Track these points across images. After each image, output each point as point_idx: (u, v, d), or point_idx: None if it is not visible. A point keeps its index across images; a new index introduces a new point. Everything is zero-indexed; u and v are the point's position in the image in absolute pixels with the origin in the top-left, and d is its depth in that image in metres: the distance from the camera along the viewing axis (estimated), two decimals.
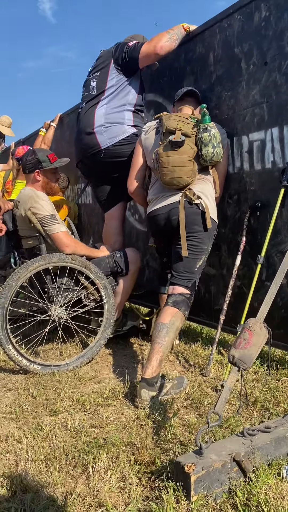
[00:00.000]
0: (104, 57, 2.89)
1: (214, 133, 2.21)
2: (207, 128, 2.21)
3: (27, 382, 2.34)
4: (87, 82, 2.97)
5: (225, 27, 2.53)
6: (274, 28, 2.24)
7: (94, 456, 1.59)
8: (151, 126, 2.52)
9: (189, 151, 2.23)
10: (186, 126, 2.26)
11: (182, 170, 2.24)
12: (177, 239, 2.33)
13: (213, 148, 2.21)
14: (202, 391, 2.14)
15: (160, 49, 2.67)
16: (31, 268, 2.46)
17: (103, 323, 2.59)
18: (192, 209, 2.28)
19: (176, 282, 2.30)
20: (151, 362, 2.09)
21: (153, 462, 1.56)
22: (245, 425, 1.77)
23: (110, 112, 2.84)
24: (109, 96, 2.84)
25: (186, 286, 2.28)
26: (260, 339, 1.54)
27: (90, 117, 2.88)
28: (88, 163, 3.03)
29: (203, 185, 2.36)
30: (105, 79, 2.84)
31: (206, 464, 1.35)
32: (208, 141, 2.21)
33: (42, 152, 2.69)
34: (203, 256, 2.32)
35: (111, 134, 2.83)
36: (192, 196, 2.26)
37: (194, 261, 2.29)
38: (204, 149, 2.23)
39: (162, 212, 2.37)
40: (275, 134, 2.29)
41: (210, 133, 2.20)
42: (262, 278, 2.40)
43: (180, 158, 2.23)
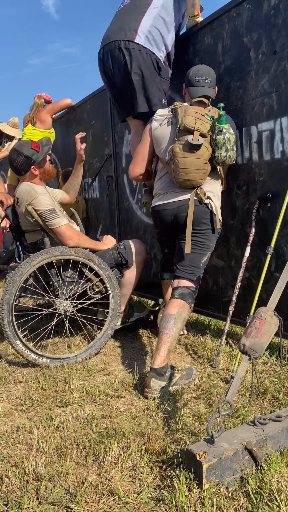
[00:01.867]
0: None
1: (228, 136, 2.17)
2: (222, 130, 2.17)
3: (36, 374, 2.35)
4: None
5: (233, 16, 2.50)
6: (284, 16, 2.21)
7: (105, 446, 1.59)
8: (164, 116, 2.44)
9: (205, 154, 2.22)
10: (204, 126, 2.21)
11: (198, 173, 2.24)
12: (183, 234, 2.34)
13: (226, 152, 2.19)
14: (211, 382, 2.14)
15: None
16: (34, 263, 2.46)
17: (110, 313, 2.58)
18: (201, 207, 2.30)
19: (181, 275, 2.32)
20: (160, 352, 2.10)
21: (164, 452, 1.56)
22: (256, 414, 1.77)
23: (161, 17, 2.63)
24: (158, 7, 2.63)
25: (191, 280, 2.32)
26: (270, 328, 1.53)
27: (138, 15, 2.62)
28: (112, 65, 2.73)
29: (213, 185, 2.38)
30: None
31: (218, 453, 1.35)
32: (222, 144, 2.18)
33: (26, 147, 2.64)
34: (208, 253, 2.37)
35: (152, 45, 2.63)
36: (202, 195, 2.28)
37: (199, 256, 2.33)
38: (217, 152, 2.20)
39: (170, 208, 2.38)
40: (285, 124, 2.27)
41: (225, 136, 2.16)
42: (271, 269, 2.39)
43: (198, 161, 2.22)
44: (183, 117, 2.24)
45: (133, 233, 3.70)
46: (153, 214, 2.53)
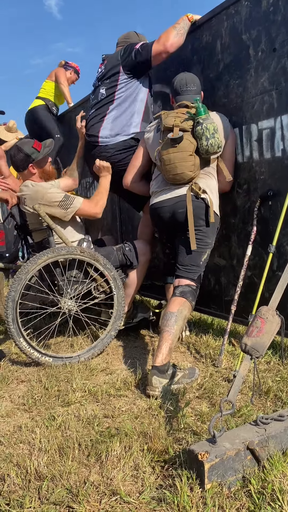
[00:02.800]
0: (111, 62, 2.85)
1: (206, 125, 2.21)
2: (199, 121, 2.22)
3: (39, 374, 2.35)
4: (96, 90, 2.94)
5: (232, 13, 2.49)
6: (283, 13, 2.20)
7: (107, 446, 1.59)
8: (153, 125, 2.57)
9: (189, 146, 2.25)
10: (184, 122, 2.27)
11: (184, 165, 2.27)
12: (182, 232, 2.34)
13: (207, 140, 2.22)
14: (214, 381, 2.13)
15: (170, 47, 2.66)
16: (40, 261, 2.47)
17: (114, 314, 2.59)
18: (198, 203, 2.31)
19: (182, 275, 2.33)
20: (161, 350, 2.10)
21: (166, 451, 1.56)
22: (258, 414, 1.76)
23: (119, 114, 2.82)
24: (119, 99, 2.81)
25: (192, 279, 2.33)
26: (272, 327, 1.52)
27: (98, 123, 2.87)
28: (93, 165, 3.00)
29: (208, 180, 2.39)
30: (115, 85, 2.81)
31: (220, 452, 1.35)
32: (201, 134, 2.22)
33: (27, 145, 2.67)
34: (207, 250, 2.37)
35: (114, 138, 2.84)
36: (198, 190, 2.28)
37: (199, 254, 2.33)
38: (199, 142, 2.25)
39: (167, 205, 2.38)
40: (285, 122, 2.26)
41: (202, 126, 2.21)
42: (273, 268, 2.38)
43: (181, 154, 2.26)
44: (164, 119, 2.33)
45: (135, 233, 3.69)
46: (151, 212, 2.53)
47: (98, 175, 2.85)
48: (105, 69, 2.89)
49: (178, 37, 2.68)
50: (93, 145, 2.90)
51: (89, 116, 3.00)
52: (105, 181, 2.78)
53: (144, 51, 2.71)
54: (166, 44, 2.65)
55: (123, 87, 2.81)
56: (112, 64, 2.84)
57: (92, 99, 3.00)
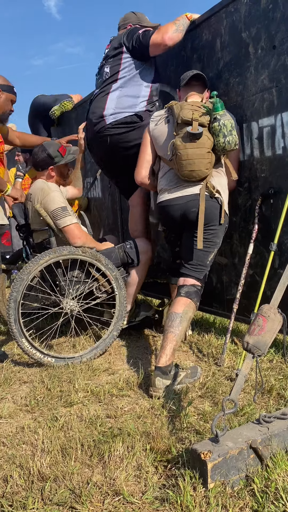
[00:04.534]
0: (115, 43, 2.88)
1: (224, 122, 2.15)
2: (217, 117, 2.16)
3: (41, 374, 2.35)
4: (101, 68, 2.95)
5: (231, 11, 2.49)
6: (282, 10, 2.19)
7: (109, 446, 1.59)
8: (161, 116, 2.47)
9: (207, 142, 2.19)
10: (201, 116, 2.21)
11: (202, 163, 2.20)
12: (191, 231, 2.30)
13: (224, 138, 2.16)
14: (216, 380, 2.13)
15: (168, 40, 2.66)
16: (41, 262, 2.47)
17: (116, 314, 2.58)
18: (211, 202, 2.26)
19: (188, 273, 2.31)
20: (165, 351, 2.09)
21: (169, 451, 1.55)
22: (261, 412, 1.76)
23: (123, 95, 2.82)
24: (123, 79, 2.82)
25: (198, 278, 2.30)
26: (274, 325, 1.52)
27: (103, 100, 2.86)
28: (98, 150, 3.01)
29: (219, 178, 2.34)
30: (118, 64, 2.83)
31: (223, 452, 1.34)
32: (218, 131, 2.16)
33: (53, 147, 2.68)
34: (215, 249, 2.35)
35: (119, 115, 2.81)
36: (212, 189, 2.24)
37: (206, 253, 2.30)
38: (216, 139, 2.18)
39: (178, 203, 2.31)
40: (286, 119, 2.25)
41: (220, 123, 2.15)
42: (275, 266, 2.37)
43: (200, 150, 2.19)
44: (180, 111, 2.25)
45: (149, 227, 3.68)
46: (160, 210, 2.45)
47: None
48: (109, 49, 2.92)
49: (177, 33, 2.68)
50: (96, 124, 2.87)
51: (93, 95, 2.99)
52: (101, 246, 2.76)
53: (143, 39, 2.72)
54: (165, 36, 2.65)
55: (126, 67, 2.81)
56: (115, 44, 2.87)
57: (97, 79, 3.01)
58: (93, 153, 3.14)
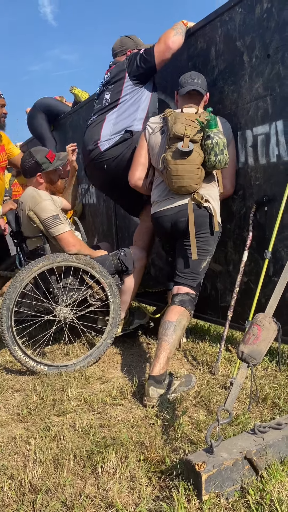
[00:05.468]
0: (117, 69, 2.86)
1: (216, 141, 2.15)
2: (210, 135, 2.16)
3: (34, 383, 2.32)
4: (101, 94, 2.93)
5: (226, 20, 2.50)
6: (277, 20, 2.21)
7: (103, 456, 1.57)
8: (157, 124, 2.47)
9: (197, 159, 2.20)
10: (194, 131, 2.21)
11: (191, 178, 2.23)
12: (183, 240, 2.32)
13: (215, 157, 2.17)
14: (211, 388, 2.11)
15: (172, 44, 2.65)
16: (35, 269, 2.45)
17: (110, 322, 2.56)
18: (200, 211, 2.28)
19: (181, 282, 2.31)
20: (159, 360, 2.07)
21: (163, 461, 1.53)
22: (256, 422, 1.74)
23: (119, 119, 2.81)
24: (121, 105, 2.81)
25: (192, 286, 2.30)
26: (269, 334, 1.51)
27: (98, 126, 2.85)
28: (97, 177, 3.01)
29: (210, 188, 2.36)
30: (119, 90, 2.81)
31: (217, 463, 1.33)
32: (210, 149, 2.17)
33: (40, 153, 2.66)
34: (208, 257, 2.35)
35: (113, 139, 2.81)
36: (200, 199, 2.26)
37: (199, 262, 2.31)
38: (207, 157, 2.20)
39: (169, 214, 2.35)
40: (280, 127, 2.26)
41: (213, 141, 2.15)
42: (269, 274, 2.37)
43: (189, 166, 2.20)
44: (173, 124, 2.25)
45: (130, 239, 3.67)
46: (153, 221, 2.50)
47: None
48: (110, 75, 2.90)
49: (178, 36, 2.68)
50: (91, 151, 2.87)
51: (90, 121, 2.98)
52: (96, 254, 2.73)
53: (148, 55, 2.71)
54: (168, 42, 2.65)
55: (128, 94, 2.79)
56: (118, 70, 2.84)
57: (96, 104, 2.99)
58: (92, 180, 3.13)
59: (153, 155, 2.47)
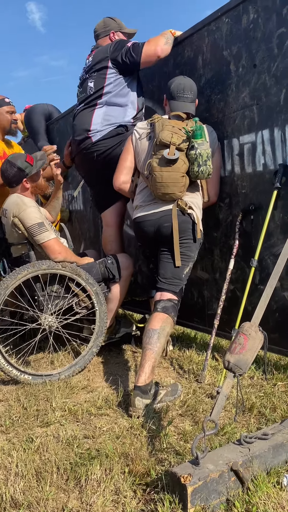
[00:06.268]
0: (100, 55, 2.82)
1: (200, 151, 2.16)
2: (194, 145, 2.17)
3: (17, 392, 2.27)
4: (84, 82, 2.90)
5: (213, 30, 2.52)
6: (263, 30, 2.23)
7: (86, 469, 1.54)
8: (144, 130, 2.46)
9: (183, 167, 2.21)
10: (180, 140, 2.21)
11: (176, 186, 2.23)
12: (165, 246, 2.31)
13: (198, 167, 2.18)
14: (197, 398, 2.10)
15: (161, 51, 2.67)
16: (20, 276, 2.41)
17: (95, 330, 2.53)
18: (184, 218, 2.28)
19: (164, 287, 2.30)
20: (144, 369, 2.05)
21: (148, 473, 1.51)
22: (242, 432, 1.73)
23: (109, 111, 2.79)
24: (108, 95, 2.78)
25: (174, 292, 2.29)
26: (255, 343, 1.50)
27: (88, 116, 2.82)
28: (84, 164, 2.98)
29: (193, 196, 2.36)
30: (103, 78, 2.78)
31: (203, 475, 1.31)
32: (194, 159, 2.17)
33: (20, 159, 2.62)
34: (190, 263, 2.34)
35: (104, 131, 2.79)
36: (184, 206, 2.26)
37: (182, 267, 2.31)
38: (191, 167, 2.21)
39: (152, 219, 2.34)
40: (266, 136, 2.27)
41: (196, 152, 2.16)
42: (256, 282, 2.38)
43: (174, 174, 2.21)
44: (160, 131, 2.25)
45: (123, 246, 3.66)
46: (135, 226, 2.48)
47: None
48: (93, 60, 2.85)
49: (167, 46, 2.71)
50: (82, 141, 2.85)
51: (77, 110, 2.95)
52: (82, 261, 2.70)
53: (134, 52, 2.69)
54: (158, 48, 2.66)
55: (111, 82, 2.77)
56: (100, 57, 2.80)
57: (80, 92, 2.95)
58: (80, 169, 3.11)
59: (139, 160, 2.47)
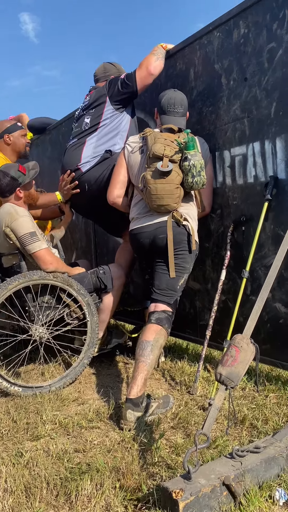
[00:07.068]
0: (97, 94, 2.86)
1: (193, 162, 2.17)
2: (187, 157, 2.18)
3: (7, 405, 2.24)
4: (81, 118, 2.93)
5: (205, 44, 2.55)
6: (253, 45, 2.27)
7: (77, 484, 1.51)
8: (136, 143, 2.48)
9: (177, 178, 2.22)
10: (172, 152, 2.23)
11: (171, 197, 2.24)
12: (160, 257, 2.32)
13: (193, 178, 2.19)
14: (189, 410, 2.08)
15: (154, 70, 2.71)
16: (10, 287, 2.39)
17: (87, 341, 2.52)
18: (179, 229, 2.29)
19: (158, 299, 2.29)
20: (136, 381, 2.03)
21: (139, 488, 1.49)
22: (234, 445, 1.72)
23: (100, 143, 2.82)
24: (101, 129, 2.82)
25: (169, 303, 2.28)
26: (247, 355, 1.50)
27: (79, 150, 2.85)
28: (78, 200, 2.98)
29: (188, 207, 2.37)
30: (100, 115, 2.82)
31: (195, 489, 1.30)
32: (188, 171, 2.19)
33: (13, 169, 2.62)
34: (185, 275, 2.34)
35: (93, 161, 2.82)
36: (179, 217, 2.27)
37: (177, 279, 2.30)
38: (185, 178, 2.22)
39: (148, 230, 2.34)
40: (257, 149, 2.30)
41: (190, 163, 2.17)
42: (247, 293, 2.38)
43: (168, 186, 2.22)
44: (153, 144, 2.26)
45: (109, 256, 3.66)
46: (131, 237, 2.48)
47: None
48: (90, 99, 2.90)
49: (159, 61, 2.74)
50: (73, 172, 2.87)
51: (68, 146, 2.97)
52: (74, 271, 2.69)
53: (129, 80, 2.73)
54: (149, 67, 2.70)
55: (108, 118, 2.80)
56: (98, 95, 2.85)
57: (75, 127, 2.98)
58: (74, 204, 3.09)
59: (132, 173, 2.48)
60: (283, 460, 1.48)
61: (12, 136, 3.25)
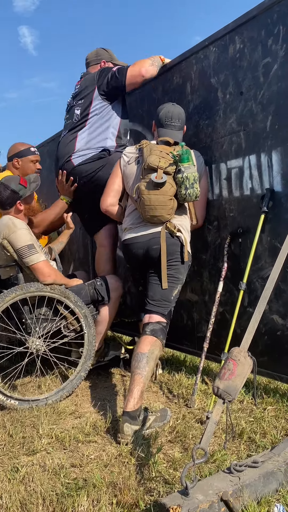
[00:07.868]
0: (87, 83, 2.90)
1: (187, 175, 2.19)
2: (181, 169, 2.20)
3: (3, 418, 2.22)
4: (71, 109, 2.96)
5: (201, 58, 2.59)
6: (249, 60, 2.30)
7: (73, 500, 1.49)
8: (133, 154, 2.50)
9: (170, 190, 2.24)
10: (167, 164, 2.25)
11: (164, 209, 2.26)
12: (154, 268, 2.32)
13: (186, 190, 2.20)
14: (186, 423, 2.07)
15: (145, 72, 2.76)
16: (7, 299, 2.38)
17: (84, 354, 2.50)
18: (172, 240, 2.30)
19: (153, 310, 2.29)
20: (133, 394, 2.02)
21: (137, 504, 1.47)
22: (232, 459, 1.71)
23: (92, 136, 2.85)
24: (92, 120, 2.85)
25: (163, 314, 2.28)
26: (244, 369, 1.49)
27: (71, 143, 2.89)
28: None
29: (182, 219, 2.39)
30: (88, 107, 2.86)
31: (193, 506, 1.28)
32: (181, 183, 2.21)
33: (13, 182, 2.63)
34: (178, 286, 2.35)
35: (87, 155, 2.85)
36: (173, 228, 2.28)
37: (170, 290, 2.31)
38: (178, 190, 2.24)
39: (141, 241, 2.36)
40: (253, 162, 2.32)
41: (183, 175, 2.19)
42: (244, 304, 2.38)
43: (162, 197, 2.24)
44: (148, 156, 2.29)
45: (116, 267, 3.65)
46: (124, 248, 2.49)
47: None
48: (80, 87, 2.93)
49: (153, 67, 2.79)
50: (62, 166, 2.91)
51: (61, 138, 3.00)
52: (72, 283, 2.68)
53: (119, 74, 2.77)
54: (142, 69, 2.75)
55: (97, 109, 2.84)
56: (87, 84, 2.88)
57: (66, 119, 3.01)
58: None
59: (127, 183, 2.50)
60: (282, 475, 1.47)
61: (22, 160, 3.16)
